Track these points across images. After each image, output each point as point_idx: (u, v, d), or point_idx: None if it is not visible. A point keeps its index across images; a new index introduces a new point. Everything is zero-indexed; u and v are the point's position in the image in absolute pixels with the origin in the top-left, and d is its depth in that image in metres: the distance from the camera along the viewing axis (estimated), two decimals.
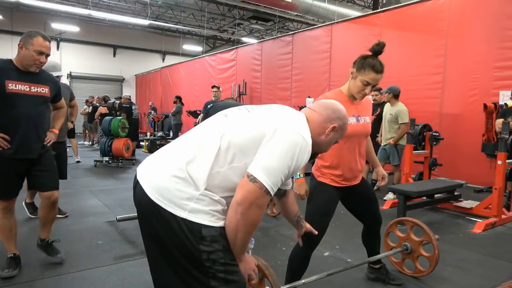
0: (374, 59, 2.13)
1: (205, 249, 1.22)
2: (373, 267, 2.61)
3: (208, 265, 1.23)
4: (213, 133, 1.29)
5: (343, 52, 7.88)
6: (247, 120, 1.32)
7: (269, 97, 9.99)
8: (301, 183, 2.22)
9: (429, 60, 6.24)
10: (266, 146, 1.23)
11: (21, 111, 2.48)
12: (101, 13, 14.81)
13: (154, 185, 1.26)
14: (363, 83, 2.12)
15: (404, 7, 6.85)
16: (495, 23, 5.45)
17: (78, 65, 18.31)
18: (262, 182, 1.18)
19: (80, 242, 3.32)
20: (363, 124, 2.21)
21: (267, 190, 1.19)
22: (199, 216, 1.22)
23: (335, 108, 1.48)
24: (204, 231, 1.21)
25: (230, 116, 1.37)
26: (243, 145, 1.25)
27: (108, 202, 4.78)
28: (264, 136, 1.24)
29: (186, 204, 1.21)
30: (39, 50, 2.44)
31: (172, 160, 1.29)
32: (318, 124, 1.42)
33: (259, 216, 1.23)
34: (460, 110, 5.86)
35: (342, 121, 1.47)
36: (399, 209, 3.87)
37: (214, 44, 21.47)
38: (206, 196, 1.23)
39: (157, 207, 1.23)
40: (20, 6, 15.27)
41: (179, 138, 1.40)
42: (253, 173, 1.19)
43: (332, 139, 1.48)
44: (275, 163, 1.20)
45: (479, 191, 5.36)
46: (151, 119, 13.60)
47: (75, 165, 7.80)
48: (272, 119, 1.30)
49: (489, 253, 3.26)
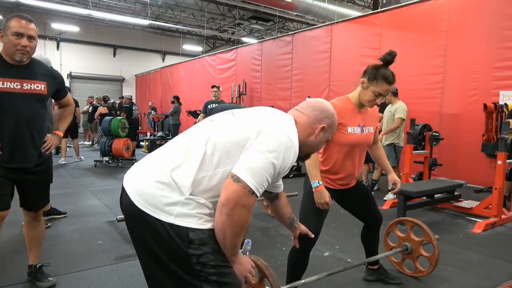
0: (386, 69, 2.12)
1: (194, 252, 1.20)
2: (371, 268, 2.61)
3: (199, 269, 1.21)
4: (199, 138, 1.28)
5: (343, 52, 7.89)
6: (232, 123, 1.31)
7: (269, 97, 9.99)
8: (321, 191, 2.09)
9: (429, 60, 6.24)
10: (250, 147, 1.21)
11: (11, 113, 2.14)
12: (101, 13, 14.80)
13: (139, 191, 1.25)
14: (375, 94, 2.12)
15: (404, 7, 6.84)
16: (495, 23, 5.45)
17: (78, 65, 18.30)
18: (246, 181, 1.16)
19: (80, 242, 3.32)
20: (366, 134, 2.23)
21: (251, 190, 1.17)
22: (186, 219, 1.20)
23: (322, 108, 1.46)
24: (192, 234, 1.20)
25: (215, 120, 1.36)
26: (228, 149, 1.23)
27: (108, 202, 4.78)
28: (248, 139, 1.23)
29: (171, 209, 1.20)
30: (16, 31, 2.07)
31: (157, 166, 1.28)
32: (307, 126, 1.41)
33: (246, 216, 1.20)
34: (460, 110, 5.86)
35: (331, 120, 1.46)
36: (399, 209, 3.87)
37: (214, 44, 21.47)
38: (192, 200, 1.22)
39: (143, 213, 1.22)
40: (20, 6, 15.27)
41: (167, 144, 1.39)
42: (237, 173, 1.17)
43: (322, 139, 1.47)
44: (259, 163, 1.18)
45: (479, 191, 5.36)
46: (151, 119, 13.60)
47: (75, 165, 7.81)
48: (256, 122, 1.28)
49: (489, 253, 3.26)
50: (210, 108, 6.24)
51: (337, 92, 7.98)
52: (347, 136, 2.14)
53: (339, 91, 7.94)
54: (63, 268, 2.76)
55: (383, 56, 2.13)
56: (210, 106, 6.30)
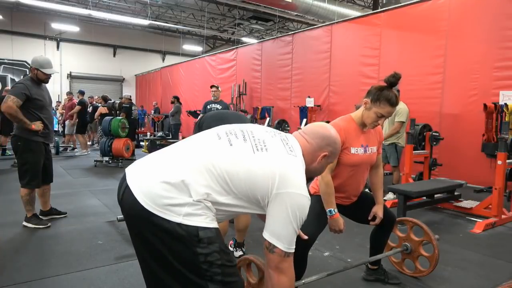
0: (390, 91, 2.12)
1: (201, 251, 1.21)
2: (372, 268, 2.62)
3: (205, 268, 1.22)
4: (215, 160, 1.28)
5: (343, 52, 7.89)
6: (249, 163, 1.29)
7: (269, 97, 9.99)
8: (337, 219, 2.14)
9: (429, 60, 6.24)
10: (272, 212, 1.28)
11: None
12: (101, 13, 14.81)
13: (145, 191, 1.25)
14: (378, 115, 2.13)
15: (404, 7, 6.84)
16: (495, 23, 5.45)
17: (78, 65, 18.32)
18: (280, 248, 1.28)
19: (80, 242, 3.32)
20: (369, 154, 2.25)
21: (286, 253, 1.29)
22: (194, 218, 1.22)
23: (325, 135, 1.47)
24: (201, 233, 1.21)
25: (234, 147, 1.33)
26: (242, 190, 1.28)
27: (108, 202, 4.78)
28: (266, 195, 1.28)
29: (179, 210, 1.21)
30: None
31: (166, 168, 1.28)
32: (310, 153, 1.45)
33: (289, 281, 1.32)
34: (460, 110, 5.85)
35: (333, 147, 1.48)
36: (399, 209, 3.87)
37: (214, 44, 21.48)
38: (201, 202, 1.24)
39: (149, 213, 1.21)
40: (20, 6, 15.27)
41: (176, 147, 1.39)
42: (271, 241, 1.29)
43: (324, 165, 1.51)
44: (285, 230, 1.28)
45: (479, 191, 5.35)
46: (150, 119, 13.60)
47: (75, 165, 7.82)
48: (271, 174, 1.28)
49: (489, 253, 3.26)
50: (209, 108, 6.25)
51: (337, 92, 7.99)
52: (350, 156, 2.16)
53: (339, 91, 7.94)
54: (63, 268, 2.76)
55: (387, 77, 2.14)
56: (210, 106, 6.31)
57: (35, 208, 3.73)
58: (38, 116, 3.57)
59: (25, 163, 3.56)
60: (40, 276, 2.63)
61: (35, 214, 3.72)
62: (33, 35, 17.17)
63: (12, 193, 4.68)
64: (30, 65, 3.83)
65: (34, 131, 3.51)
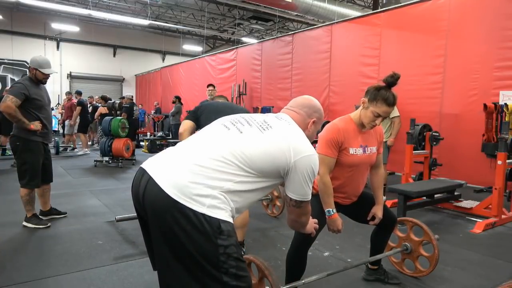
0: (387, 91, 2.13)
1: (222, 243, 1.27)
2: (372, 268, 2.62)
3: (223, 260, 1.27)
4: (233, 149, 1.38)
5: (343, 52, 7.88)
6: (263, 143, 1.41)
7: (269, 97, 9.99)
8: (335, 219, 2.15)
9: (429, 60, 6.23)
10: (294, 177, 1.43)
11: None
12: (101, 13, 14.81)
13: (173, 182, 1.30)
14: (374, 115, 2.13)
15: (404, 7, 6.83)
16: (495, 23, 5.45)
17: (78, 65, 18.32)
18: (305, 201, 1.51)
19: (80, 242, 3.32)
20: (368, 154, 2.25)
21: (308, 201, 1.54)
22: (216, 211, 1.28)
23: (311, 104, 1.68)
24: (223, 225, 1.28)
25: (245, 133, 1.44)
26: (265, 170, 1.40)
27: (108, 202, 4.78)
28: (286, 165, 1.41)
29: (204, 200, 1.28)
30: None
31: (189, 161, 1.35)
32: (301, 122, 1.61)
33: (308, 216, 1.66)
34: (460, 110, 5.85)
35: (319, 113, 1.68)
36: (399, 209, 3.87)
37: (214, 44, 21.48)
38: (221, 195, 1.31)
39: (176, 203, 1.26)
40: (20, 6, 15.27)
41: (192, 141, 1.47)
42: (297, 199, 1.49)
43: (315, 130, 1.68)
44: (306, 188, 1.47)
45: (479, 191, 5.36)
46: (150, 119, 13.60)
47: (75, 165, 7.82)
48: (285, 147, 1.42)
49: (489, 253, 3.27)
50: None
51: (337, 92, 7.98)
52: (348, 157, 2.16)
53: (339, 91, 7.94)
54: (63, 268, 2.77)
55: (386, 77, 2.15)
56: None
57: (35, 208, 3.73)
58: (37, 116, 3.57)
59: (24, 163, 3.57)
60: (40, 276, 2.64)
61: (35, 214, 3.72)
62: (33, 35, 17.17)
63: (12, 193, 4.68)
64: (29, 65, 3.84)
65: (33, 131, 3.51)
